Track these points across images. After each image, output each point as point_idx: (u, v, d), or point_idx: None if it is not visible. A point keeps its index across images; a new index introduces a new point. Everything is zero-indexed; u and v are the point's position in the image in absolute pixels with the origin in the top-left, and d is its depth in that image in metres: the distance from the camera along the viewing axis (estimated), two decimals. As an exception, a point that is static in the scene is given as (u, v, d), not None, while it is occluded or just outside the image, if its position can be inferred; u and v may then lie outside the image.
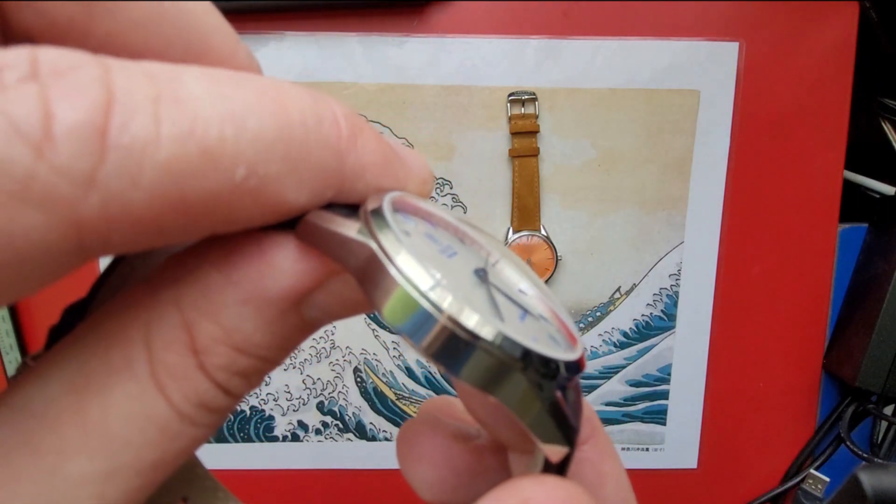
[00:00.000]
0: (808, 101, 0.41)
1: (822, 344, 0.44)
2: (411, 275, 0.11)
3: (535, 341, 0.12)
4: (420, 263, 0.11)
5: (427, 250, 0.13)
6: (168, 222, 0.09)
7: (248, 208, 0.10)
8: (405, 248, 0.11)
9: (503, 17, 0.39)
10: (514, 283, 0.15)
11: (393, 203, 0.13)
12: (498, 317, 0.12)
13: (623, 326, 0.43)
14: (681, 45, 0.39)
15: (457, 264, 0.13)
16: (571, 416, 0.13)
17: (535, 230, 0.41)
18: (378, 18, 0.39)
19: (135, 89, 0.09)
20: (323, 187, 0.11)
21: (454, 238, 0.15)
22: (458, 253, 0.14)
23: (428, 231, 0.14)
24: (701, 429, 0.44)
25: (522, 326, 0.13)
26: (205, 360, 0.11)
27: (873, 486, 0.26)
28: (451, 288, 0.11)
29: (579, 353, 0.13)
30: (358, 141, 0.12)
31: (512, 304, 0.14)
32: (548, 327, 0.14)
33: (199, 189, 0.09)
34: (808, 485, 0.43)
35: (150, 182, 0.09)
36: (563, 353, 0.13)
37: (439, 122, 0.40)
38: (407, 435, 0.17)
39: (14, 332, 0.41)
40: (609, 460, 0.15)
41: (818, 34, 0.40)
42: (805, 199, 0.42)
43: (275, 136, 0.10)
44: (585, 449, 0.15)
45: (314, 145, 0.11)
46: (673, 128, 0.40)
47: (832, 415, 0.44)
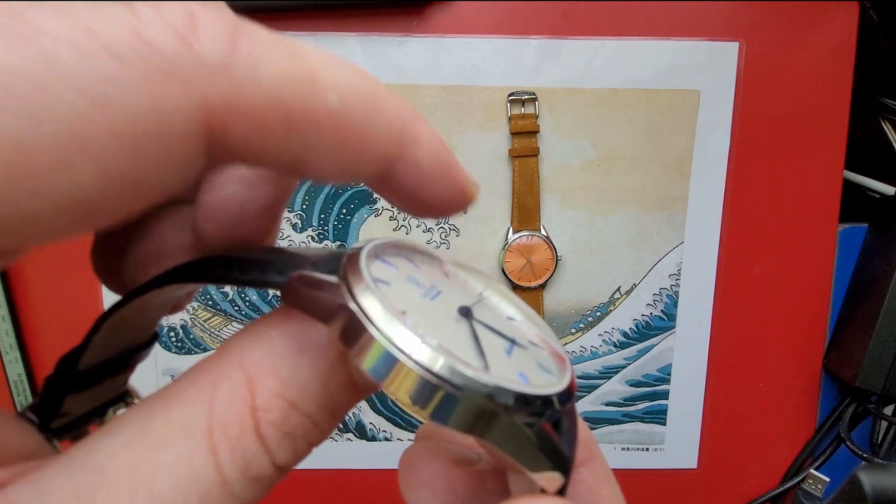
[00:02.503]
0: (808, 101, 0.41)
1: (822, 344, 0.44)
2: (390, 334, 0.11)
3: (522, 376, 0.12)
4: (398, 320, 0.12)
5: (408, 296, 0.13)
6: (274, 128, 0.11)
7: (337, 136, 0.12)
8: (382, 305, 0.12)
9: (503, 17, 0.39)
10: (502, 312, 0.16)
11: (374, 250, 0.14)
12: (481, 357, 0.12)
13: (623, 326, 0.43)
14: (681, 45, 0.40)
15: (439, 305, 0.14)
16: (564, 445, 0.13)
17: (535, 230, 0.41)
18: (378, 18, 0.39)
19: (259, 30, 0.11)
20: (388, 144, 0.13)
21: (438, 275, 0.15)
22: (442, 292, 0.14)
23: (410, 274, 0.14)
24: (701, 429, 0.44)
25: (509, 361, 0.13)
26: (261, 418, 0.12)
27: (873, 486, 0.26)
28: (430, 340, 0.12)
29: (568, 379, 0.13)
30: (421, 124, 0.13)
31: (498, 338, 0.14)
32: (536, 354, 0.14)
33: (302, 103, 0.11)
34: (808, 485, 0.43)
35: (268, 85, 0.11)
36: (552, 384, 0.13)
37: (439, 122, 0.40)
38: (408, 461, 0.17)
39: (14, 333, 0.41)
40: (606, 484, 0.15)
41: (818, 34, 0.40)
42: (805, 199, 0.42)
43: (361, 85, 0.12)
44: (582, 472, 0.15)
45: (388, 106, 0.13)
46: (673, 128, 0.40)
47: (832, 415, 0.44)
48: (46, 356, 0.42)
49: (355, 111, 0.12)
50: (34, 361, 0.42)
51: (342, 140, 0.12)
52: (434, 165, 0.14)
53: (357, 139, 0.12)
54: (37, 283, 0.41)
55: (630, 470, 0.44)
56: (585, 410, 0.44)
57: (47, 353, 0.42)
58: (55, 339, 0.42)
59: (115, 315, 0.15)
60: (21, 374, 0.42)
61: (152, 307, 0.16)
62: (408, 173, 0.13)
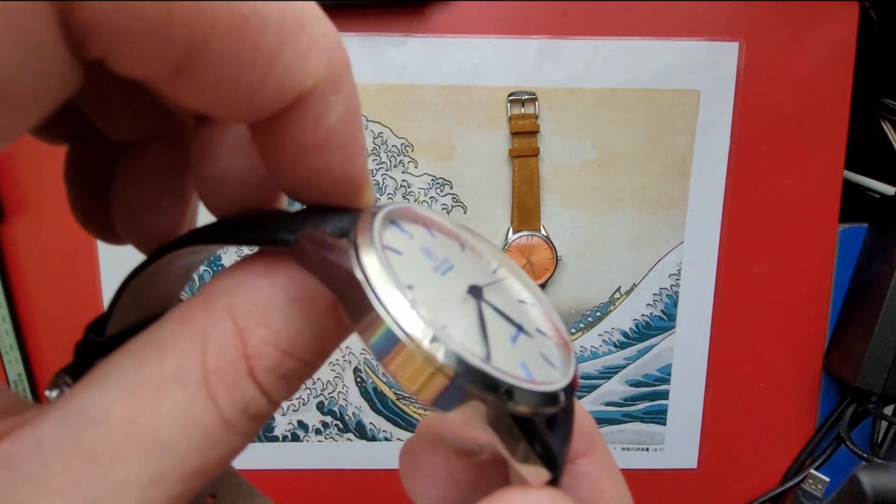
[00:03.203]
0: (808, 101, 0.41)
1: (822, 344, 0.44)
2: (394, 312, 0.11)
3: (524, 368, 0.12)
4: (404, 296, 0.11)
5: (419, 269, 0.13)
6: (144, 27, 0.09)
7: (236, 53, 0.10)
8: (388, 277, 0.11)
9: (503, 17, 0.39)
10: (514, 294, 0.15)
11: (390, 215, 0.13)
12: (484, 343, 0.12)
13: (623, 326, 0.43)
14: (681, 45, 0.40)
15: (449, 282, 0.13)
16: (556, 441, 0.13)
17: (535, 230, 0.41)
18: (378, 18, 0.39)
19: None
20: (301, 78, 0.11)
21: (455, 247, 0.15)
22: (455, 266, 0.14)
23: (425, 244, 0.14)
24: (701, 429, 0.44)
25: (512, 350, 0.13)
26: (255, 365, 0.12)
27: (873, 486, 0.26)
28: (435, 321, 0.11)
29: (571, 375, 0.13)
30: (348, 74, 0.12)
31: (505, 323, 0.13)
32: (542, 344, 0.14)
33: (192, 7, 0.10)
34: (808, 485, 0.43)
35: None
36: (552, 380, 0.13)
37: (439, 122, 0.40)
38: (409, 453, 0.17)
39: (14, 333, 0.41)
40: (608, 477, 0.15)
41: (818, 34, 0.40)
42: (805, 199, 0.42)
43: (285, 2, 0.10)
44: (582, 463, 0.15)
45: (314, 35, 0.11)
46: (673, 128, 0.40)
47: (832, 415, 0.44)
48: (46, 356, 0.42)
49: (267, 25, 0.10)
50: (34, 361, 0.42)
51: (243, 59, 0.10)
52: (341, 127, 0.12)
53: (263, 62, 0.11)
54: (37, 282, 0.41)
55: (630, 470, 0.44)
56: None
57: (47, 353, 0.42)
58: (55, 339, 0.42)
59: (136, 280, 0.15)
60: (21, 374, 0.42)
61: (173, 273, 0.16)
62: (306, 123, 0.12)
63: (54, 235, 0.41)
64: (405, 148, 0.40)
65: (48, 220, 0.41)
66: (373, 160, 0.41)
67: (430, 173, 0.41)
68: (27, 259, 0.41)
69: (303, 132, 0.12)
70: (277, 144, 0.12)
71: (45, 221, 0.41)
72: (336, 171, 0.13)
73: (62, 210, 0.40)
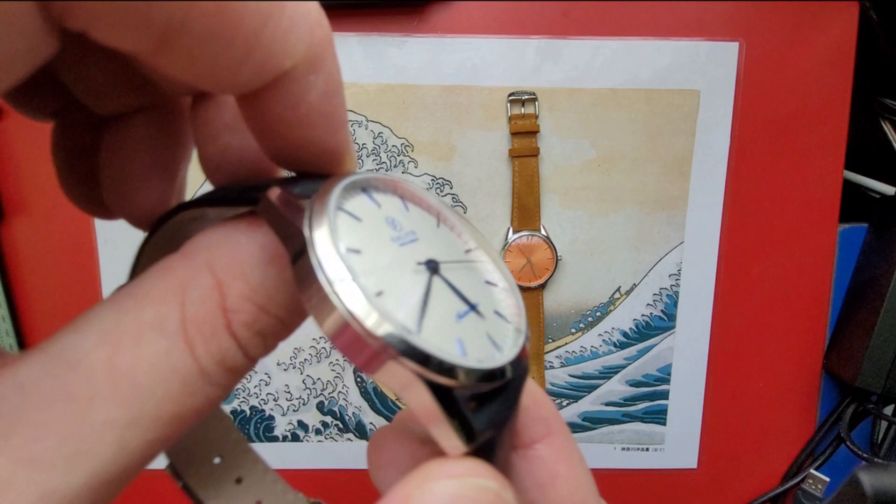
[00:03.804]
0: (808, 101, 0.41)
1: (822, 344, 0.44)
2: (327, 269, 0.12)
3: (460, 344, 0.12)
4: (339, 256, 0.12)
5: (374, 236, 0.13)
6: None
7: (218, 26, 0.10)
8: (331, 237, 0.12)
9: (503, 17, 0.39)
10: (482, 275, 0.15)
11: (362, 183, 0.14)
12: (420, 314, 0.12)
13: (623, 326, 0.43)
14: (681, 45, 0.40)
15: (406, 253, 0.13)
16: (482, 419, 0.13)
17: (535, 230, 0.41)
18: (378, 18, 0.39)
19: None
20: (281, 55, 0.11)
21: (429, 222, 0.15)
22: (420, 240, 0.14)
23: (393, 215, 0.14)
24: (701, 429, 0.44)
25: (453, 325, 0.13)
26: (232, 318, 0.12)
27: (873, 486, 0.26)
28: (368, 284, 0.12)
29: (510, 357, 0.13)
30: (329, 51, 0.12)
31: (456, 300, 0.14)
32: (493, 326, 0.14)
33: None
34: (808, 485, 0.43)
35: None
36: (487, 359, 0.13)
37: (439, 122, 0.40)
38: (376, 443, 0.17)
39: (14, 333, 0.41)
40: (566, 461, 0.15)
41: (818, 34, 0.40)
42: (805, 199, 0.42)
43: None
44: (539, 448, 0.15)
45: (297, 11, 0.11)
46: (673, 128, 0.40)
47: (832, 415, 0.44)
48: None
49: (246, 7, 0.11)
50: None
51: (223, 39, 0.11)
52: (322, 105, 0.13)
53: (244, 37, 0.11)
54: (37, 282, 0.41)
55: (630, 470, 0.44)
56: (585, 410, 0.44)
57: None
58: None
59: (147, 246, 0.16)
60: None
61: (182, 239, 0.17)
62: (287, 100, 0.12)
63: (54, 235, 0.41)
64: (405, 148, 0.40)
65: (48, 220, 0.41)
66: (373, 160, 0.41)
67: (430, 173, 0.41)
68: (27, 259, 0.41)
69: (283, 108, 0.12)
70: (260, 117, 0.13)
71: (45, 221, 0.41)
72: (317, 143, 0.13)
73: (62, 210, 0.40)
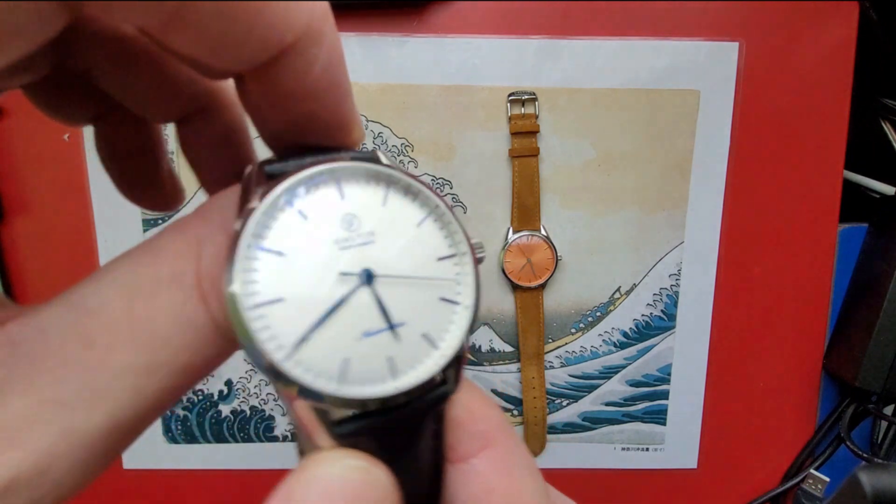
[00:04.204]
0: (808, 101, 0.41)
1: (822, 344, 0.44)
2: (235, 269, 0.12)
3: (345, 364, 0.12)
4: (249, 253, 0.12)
5: (314, 237, 0.13)
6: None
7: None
8: (251, 234, 0.12)
9: (503, 17, 0.39)
10: (443, 290, 0.14)
11: (337, 172, 0.13)
12: (314, 325, 0.12)
13: (623, 326, 0.43)
14: (681, 45, 0.40)
15: (343, 258, 0.13)
16: (348, 427, 0.13)
17: (535, 230, 0.41)
18: (378, 18, 0.39)
19: None
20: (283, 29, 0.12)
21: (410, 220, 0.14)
22: (376, 244, 0.13)
23: (357, 212, 0.13)
24: (701, 429, 0.44)
25: (347, 343, 0.12)
26: None
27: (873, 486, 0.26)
28: (269, 290, 0.12)
29: (398, 387, 0.13)
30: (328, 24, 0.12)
31: (376, 316, 0.13)
32: (409, 352, 0.13)
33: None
34: (808, 485, 0.43)
35: None
36: (367, 383, 0.12)
37: (439, 122, 0.40)
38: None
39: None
40: (504, 475, 0.14)
41: (818, 34, 0.40)
42: (805, 199, 0.42)
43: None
44: (475, 462, 0.14)
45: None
46: (673, 128, 0.40)
47: (832, 415, 0.44)
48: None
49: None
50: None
51: (228, 15, 0.11)
52: (325, 76, 0.13)
53: (246, 18, 0.11)
54: (37, 282, 0.41)
55: (630, 470, 0.44)
56: (585, 410, 0.44)
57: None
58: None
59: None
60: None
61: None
62: (292, 74, 0.13)
63: (54, 235, 0.41)
64: (405, 148, 0.40)
65: (48, 220, 0.41)
66: (373, 160, 0.41)
67: (430, 173, 0.41)
68: (27, 259, 0.41)
69: (289, 81, 0.13)
70: (267, 93, 0.13)
71: (45, 221, 0.41)
72: (323, 115, 0.14)
73: (62, 210, 0.40)
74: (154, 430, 0.43)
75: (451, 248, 0.14)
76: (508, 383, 0.44)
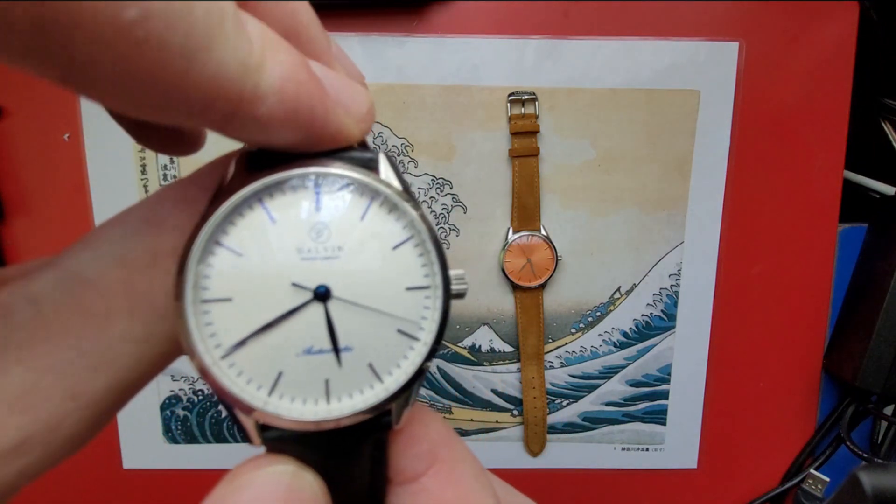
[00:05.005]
0: (808, 101, 0.41)
1: (822, 344, 0.44)
2: (191, 258, 0.12)
3: (280, 377, 0.12)
4: (201, 255, 0.12)
5: (275, 244, 0.12)
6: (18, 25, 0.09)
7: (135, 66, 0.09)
8: (210, 231, 0.12)
9: (503, 17, 0.39)
10: (401, 324, 0.13)
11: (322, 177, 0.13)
12: (252, 333, 0.12)
13: (623, 326, 0.43)
14: (681, 45, 0.40)
15: (296, 269, 0.12)
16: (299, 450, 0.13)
17: (535, 230, 0.41)
18: (378, 18, 0.39)
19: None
20: (216, 97, 0.10)
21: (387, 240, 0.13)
22: (340, 259, 0.12)
23: (327, 222, 0.13)
24: (701, 429, 0.44)
25: (286, 358, 0.12)
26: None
27: (873, 486, 0.26)
28: (218, 289, 0.12)
29: (328, 414, 0.12)
30: (270, 71, 0.11)
31: (321, 336, 0.12)
32: (347, 378, 0.13)
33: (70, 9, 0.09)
34: (808, 485, 0.43)
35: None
36: (295, 407, 0.12)
37: (439, 122, 0.40)
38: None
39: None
40: (452, 488, 0.14)
41: (818, 34, 0.40)
42: (805, 199, 0.42)
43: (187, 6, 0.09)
44: (423, 481, 0.14)
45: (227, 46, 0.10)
46: (673, 128, 0.40)
47: (832, 415, 0.44)
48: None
49: (166, 38, 0.09)
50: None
51: (142, 73, 0.09)
52: (286, 116, 0.11)
53: (166, 80, 0.09)
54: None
55: (630, 470, 0.44)
56: (585, 410, 0.44)
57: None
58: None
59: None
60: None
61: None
62: (246, 128, 0.11)
63: (54, 235, 0.41)
64: (405, 148, 0.40)
65: (48, 220, 0.41)
66: (373, 160, 0.41)
67: (430, 173, 0.41)
68: (27, 259, 0.41)
69: (242, 131, 0.12)
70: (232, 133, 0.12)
71: (45, 221, 0.41)
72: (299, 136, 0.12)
73: (62, 210, 0.40)
74: (154, 430, 0.43)
75: (425, 278, 0.13)
76: (508, 383, 0.44)
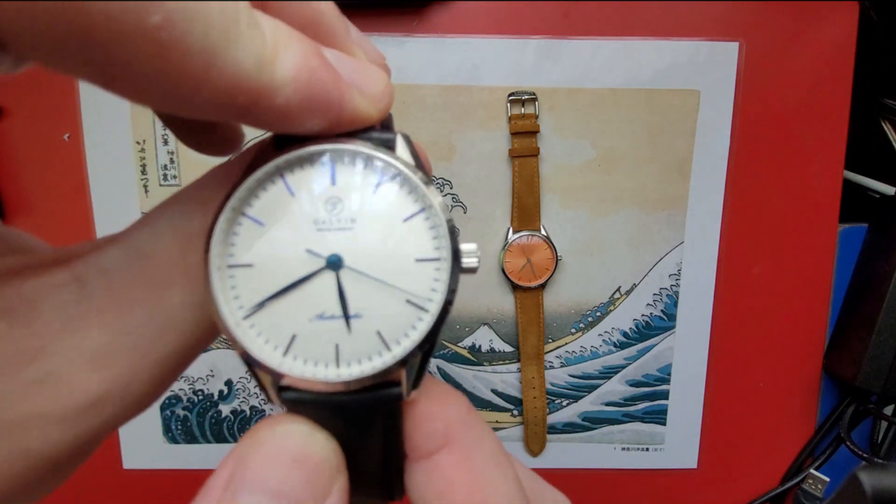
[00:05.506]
0: (808, 101, 0.41)
1: (822, 344, 0.44)
2: (217, 228, 0.13)
3: (291, 341, 0.13)
4: (228, 226, 0.13)
5: (294, 215, 0.13)
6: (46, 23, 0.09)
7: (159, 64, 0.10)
8: (238, 202, 0.13)
9: (503, 17, 0.39)
10: (409, 294, 0.14)
11: (342, 153, 0.14)
12: (270, 296, 0.13)
13: (623, 326, 0.43)
14: (681, 45, 0.39)
15: (310, 240, 0.13)
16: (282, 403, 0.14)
17: (535, 230, 0.41)
18: (378, 18, 0.39)
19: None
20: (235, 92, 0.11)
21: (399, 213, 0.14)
22: (353, 231, 0.13)
23: (343, 196, 0.13)
24: (701, 429, 0.44)
25: (300, 322, 0.13)
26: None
27: (873, 486, 0.26)
28: (239, 253, 0.13)
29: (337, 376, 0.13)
30: (282, 66, 0.12)
31: (332, 302, 0.13)
32: (357, 344, 0.13)
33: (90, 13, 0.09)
34: (808, 485, 0.43)
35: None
36: (303, 368, 0.13)
37: (439, 122, 0.40)
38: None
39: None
40: (466, 467, 0.14)
41: (818, 34, 0.40)
42: (805, 199, 0.42)
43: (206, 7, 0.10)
44: (437, 458, 0.15)
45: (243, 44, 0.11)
46: (673, 128, 0.40)
47: (832, 415, 0.44)
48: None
49: (187, 40, 0.10)
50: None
51: (167, 72, 0.10)
52: (303, 104, 0.12)
53: (190, 77, 0.10)
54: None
55: (630, 470, 0.44)
56: (585, 410, 0.44)
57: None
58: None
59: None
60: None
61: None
62: (267, 117, 0.12)
63: (54, 235, 0.41)
64: (405, 148, 0.40)
65: (48, 220, 0.41)
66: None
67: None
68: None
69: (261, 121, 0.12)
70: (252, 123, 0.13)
71: (45, 221, 0.41)
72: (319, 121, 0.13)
73: (62, 210, 0.40)
74: (154, 430, 0.43)
75: (435, 251, 0.14)
76: (508, 383, 0.44)
